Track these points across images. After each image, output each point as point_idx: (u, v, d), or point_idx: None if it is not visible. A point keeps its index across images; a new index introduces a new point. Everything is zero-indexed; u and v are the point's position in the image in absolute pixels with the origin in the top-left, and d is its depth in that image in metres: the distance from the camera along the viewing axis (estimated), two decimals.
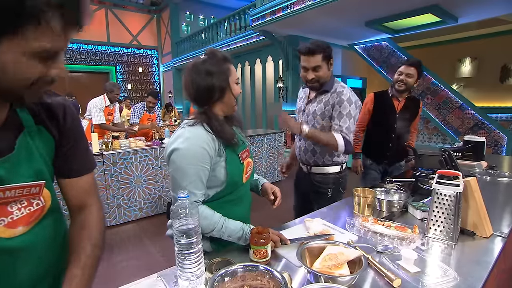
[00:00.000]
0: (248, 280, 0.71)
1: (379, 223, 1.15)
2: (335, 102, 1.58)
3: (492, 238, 1.09)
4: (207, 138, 1.00)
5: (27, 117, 0.62)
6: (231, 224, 1.01)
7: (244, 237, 1.00)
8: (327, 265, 0.81)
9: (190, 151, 0.97)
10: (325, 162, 1.69)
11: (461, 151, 2.29)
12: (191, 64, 1.04)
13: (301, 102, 1.80)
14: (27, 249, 0.62)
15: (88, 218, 0.75)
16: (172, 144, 0.99)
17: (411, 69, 2.06)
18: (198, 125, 1.02)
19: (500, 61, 6.39)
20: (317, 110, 1.65)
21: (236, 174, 1.08)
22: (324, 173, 1.71)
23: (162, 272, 0.91)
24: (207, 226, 0.99)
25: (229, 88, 1.04)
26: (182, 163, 0.97)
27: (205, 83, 1.01)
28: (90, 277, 0.67)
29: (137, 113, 4.19)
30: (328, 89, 1.63)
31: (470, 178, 1.12)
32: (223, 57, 1.03)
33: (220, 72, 1.01)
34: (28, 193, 0.60)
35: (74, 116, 0.72)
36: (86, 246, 0.70)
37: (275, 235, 1.01)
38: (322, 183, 1.71)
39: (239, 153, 1.10)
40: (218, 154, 1.03)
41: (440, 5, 4.18)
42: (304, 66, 1.58)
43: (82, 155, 0.76)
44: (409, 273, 0.87)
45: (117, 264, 2.56)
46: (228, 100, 1.06)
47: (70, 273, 0.64)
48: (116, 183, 3.29)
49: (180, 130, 1.02)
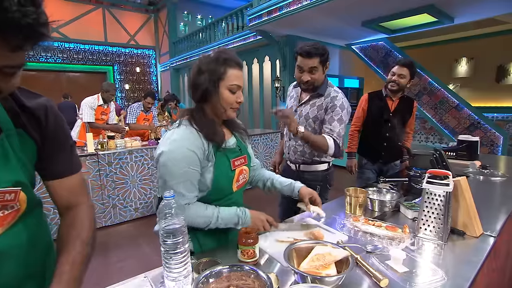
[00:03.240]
0: (233, 281, 0.70)
1: (369, 223, 1.14)
2: (328, 106, 1.60)
3: (482, 238, 1.09)
4: (196, 141, 0.98)
5: (6, 120, 0.61)
6: (226, 214, 1.02)
7: (240, 222, 1.03)
8: (315, 265, 0.81)
9: (177, 153, 0.95)
10: (313, 161, 1.73)
11: (456, 151, 2.30)
12: (198, 59, 1.04)
13: (292, 102, 1.80)
14: (3, 252, 0.61)
15: (77, 216, 0.74)
16: (161, 146, 0.99)
17: (404, 70, 2.07)
18: (186, 126, 1.01)
19: (496, 61, 6.43)
20: (310, 113, 1.66)
21: (224, 181, 1.05)
22: (313, 170, 1.74)
23: (149, 272, 0.91)
24: (203, 222, 1.00)
25: (217, 92, 0.99)
26: (170, 166, 0.95)
27: (193, 79, 1.01)
28: (80, 273, 0.66)
29: (133, 113, 4.18)
30: (322, 93, 1.64)
31: (461, 177, 1.12)
32: (223, 59, 0.98)
33: (210, 72, 0.98)
34: (1, 199, 0.59)
35: (57, 117, 0.70)
36: (75, 244, 0.69)
37: (261, 220, 1.06)
38: (311, 180, 1.73)
39: (232, 159, 1.07)
40: (206, 158, 1.01)
41: (435, 5, 4.19)
42: (300, 67, 1.58)
43: (67, 157, 0.75)
44: (397, 273, 0.86)
45: (112, 264, 2.56)
46: (216, 104, 1.01)
47: (59, 269, 0.63)
48: (111, 183, 3.27)
49: (169, 132, 1.02)
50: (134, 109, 4.19)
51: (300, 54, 1.54)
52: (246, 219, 1.05)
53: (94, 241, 0.73)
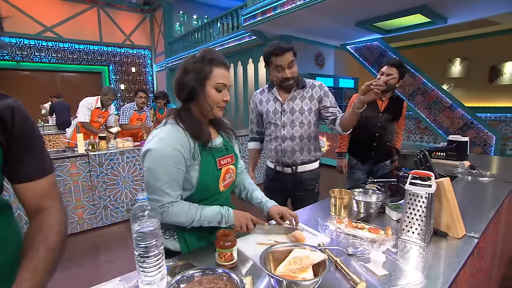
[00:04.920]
0: (205, 284, 0.69)
1: (353, 225, 1.13)
2: (322, 94, 1.66)
3: (465, 239, 1.08)
4: (182, 139, 0.99)
5: None
6: (209, 212, 1.03)
7: (224, 220, 1.04)
8: (291, 268, 0.79)
9: (163, 152, 0.96)
10: (310, 160, 1.72)
11: (445, 151, 2.30)
12: (183, 59, 1.05)
13: (273, 104, 1.72)
14: None
15: (45, 220, 0.72)
16: (147, 144, 0.99)
17: (393, 70, 2.08)
18: (173, 124, 1.01)
19: (489, 62, 6.46)
20: (303, 106, 1.66)
21: (210, 179, 1.06)
22: (310, 170, 1.74)
23: (124, 276, 0.89)
24: (186, 220, 1.00)
25: (203, 91, 1.00)
26: (155, 164, 0.96)
27: (179, 80, 1.02)
28: (41, 281, 0.63)
29: (126, 114, 4.15)
30: (304, 85, 1.68)
31: (444, 178, 1.11)
32: (209, 58, 0.99)
33: (196, 71, 0.99)
34: None
35: (24, 119, 0.69)
36: (39, 249, 0.66)
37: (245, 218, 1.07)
38: (310, 180, 1.74)
39: (218, 158, 1.08)
40: (192, 156, 1.01)
41: (428, 6, 4.21)
42: (278, 66, 1.57)
43: (36, 159, 0.73)
44: (376, 276, 0.85)
45: (102, 265, 2.54)
46: (202, 102, 1.02)
47: (20, 277, 0.61)
48: (102, 184, 3.24)
49: (156, 130, 1.02)
50: (127, 110, 4.16)
51: (275, 54, 1.55)
52: (229, 218, 1.04)
53: (63, 246, 0.71)
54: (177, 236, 1.08)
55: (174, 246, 1.08)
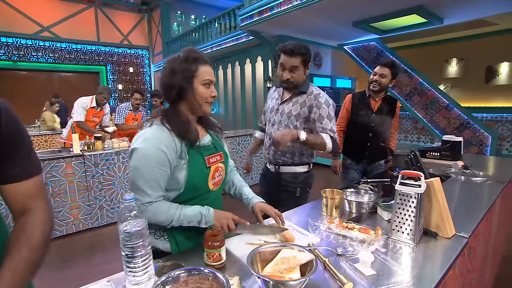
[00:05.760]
0: (191, 284, 0.69)
1: (343, 225, 1.13)
2: (313, 104, 1.59)
3: (455, 239, 1.09)
4: (168, 140, 0.99)
5: None
6: (189, 211, 1.02)
7: (204, 220, 1.03)
8: (279, 269, 0.80)
9: (147, 152, 0.97)
10: (294, 162, 1.71)
11: (439, 151, 2.30)
12: (166, 61, 1.05)
13: (274, 102, 1.79)
14: None
15: (29, 220, 0.72)
16: (133, 143, 1.00)
17: (385, 70, 2.08)
18: (158, 125, 1.02)
19: (486, 62, 6.49)
20: (292, 110, 1.65)
21: (199, 178, 1.06)
22: (292, 172, 1.72)
23: (112, 276, 0.89)
24: (165, 219, 1.00)
25: (192, 89, 1.02)
26: (138, 164, 0.98)
27: (166, 81, 1.02)
28: (22, 281, 0.63)
29: (121, 114, 4.14)
30: (304, 91, 1.64)
31: (434, 178, 1.12)
32: (193, 58, 1.01)
33: (183, 71, 1.00)
34: None
35: (10, 119, 0.68)
36: (21, 249, 0.66)
37: (225, 217, 1.06)
38: (291, 183, 1.72)
39: (206, 156, 1.08)
40: (179, 156, 1.02)
41: (425, 6, 4.22)
42: (282, 65, 1.58)
43: (23, 159, 0.72)
44: (364, 276, 0.86)
45: (97, 266, 2.53)
46: (191, 100, 1.03)
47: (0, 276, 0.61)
48: (98, 184, 3.24)
49: (142, 131, 1.03)
50: (122, 110, 4.15)
51: (283, 52, 1.55)
52: (209, 218, 1.03)
53: (46, 246, 0.71)
54: (167, 236, 1.08)
55: (164, 246, 1.07)
